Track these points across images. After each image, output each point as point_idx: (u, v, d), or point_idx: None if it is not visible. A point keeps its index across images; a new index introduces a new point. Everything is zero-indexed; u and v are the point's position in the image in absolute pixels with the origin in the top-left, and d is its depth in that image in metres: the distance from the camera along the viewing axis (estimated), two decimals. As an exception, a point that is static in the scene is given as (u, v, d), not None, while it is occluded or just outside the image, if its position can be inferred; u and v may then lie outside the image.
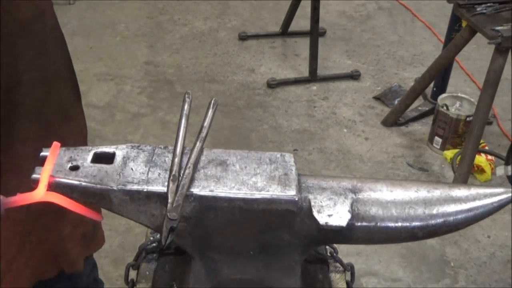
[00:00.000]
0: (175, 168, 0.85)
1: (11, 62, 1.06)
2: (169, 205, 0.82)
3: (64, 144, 1.22)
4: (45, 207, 0.83)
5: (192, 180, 0.85)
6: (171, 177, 0.84)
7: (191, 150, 0.89)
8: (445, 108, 3.12)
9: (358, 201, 0.88)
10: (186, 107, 0.95)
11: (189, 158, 0.87)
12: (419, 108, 3.45)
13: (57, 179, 0.83)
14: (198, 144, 0.90)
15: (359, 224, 0.87)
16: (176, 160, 0.86)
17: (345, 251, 2.44)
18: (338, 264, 1.10)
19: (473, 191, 0.91)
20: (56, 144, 0.85)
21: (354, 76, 3.73)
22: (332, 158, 3.11)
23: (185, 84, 3.61)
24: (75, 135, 1.29)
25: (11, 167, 1.12)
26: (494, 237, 2.71)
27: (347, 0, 4.58)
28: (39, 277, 1.32)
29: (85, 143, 1.33)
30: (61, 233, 1.30)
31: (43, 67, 1.15)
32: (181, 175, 0.85)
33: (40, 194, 0.81)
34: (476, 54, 3.88)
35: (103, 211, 0.90)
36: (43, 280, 1.34)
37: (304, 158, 3.09)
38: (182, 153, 0.88)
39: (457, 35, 2.96)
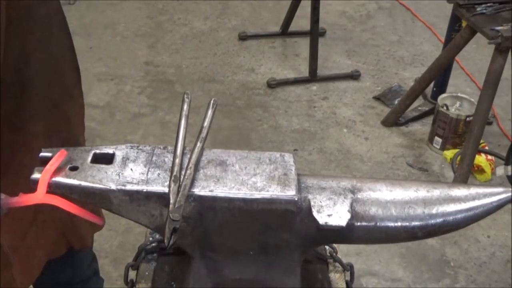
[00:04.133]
0: (176, 168, 0.85)
1: (20, 43, 1.11)
2: (171, 206, 0.82)
3: (70, 122, 1.27)
4: None
5: (193, 181, 0.85)
6: (173, 178, 0.84)
7: (192, 151, 0.89)
8: (445, 108, 3.12)
9: (357, 201, 0.88)
10: (185, 107, 0.95)
11: (189, 159, 0.87)
12: (419, 108, 3.45)
13: (57, 179, 0.83)
14: (199, 145, 0.90)
15: (358, 224, 0.87)
16: (177, 160, 0.86)
17: (345, 251, 2.43)
18: (337, 264, 1.10)
19: (473, 190, 0.91)
20: (62, 151, 0.85)
21: (354, 76, 3.73)
22: (332, 158, 3.11)
23: (185, 84, 3.61)
24: (77, 114, 1.34)
25: (23, 145, 1.17)
26: (494, 237, 2.70)
27: (347, 0, 4.58)
28: (50, 256, 1.37)
29: (83, 122, 1.38)
30: None
31: (49, 48, 1.19)
32: (182, 175, 0.85)
33: (40, 196, 0.81)
34: (476, 54, 3.87)
35: (103, 211, 0.90)
36: (53, 259, 1.38)
37: (304, 158, 3.09)
38: (183, 153, 0.88)
39: (457, 35, 2.96)
